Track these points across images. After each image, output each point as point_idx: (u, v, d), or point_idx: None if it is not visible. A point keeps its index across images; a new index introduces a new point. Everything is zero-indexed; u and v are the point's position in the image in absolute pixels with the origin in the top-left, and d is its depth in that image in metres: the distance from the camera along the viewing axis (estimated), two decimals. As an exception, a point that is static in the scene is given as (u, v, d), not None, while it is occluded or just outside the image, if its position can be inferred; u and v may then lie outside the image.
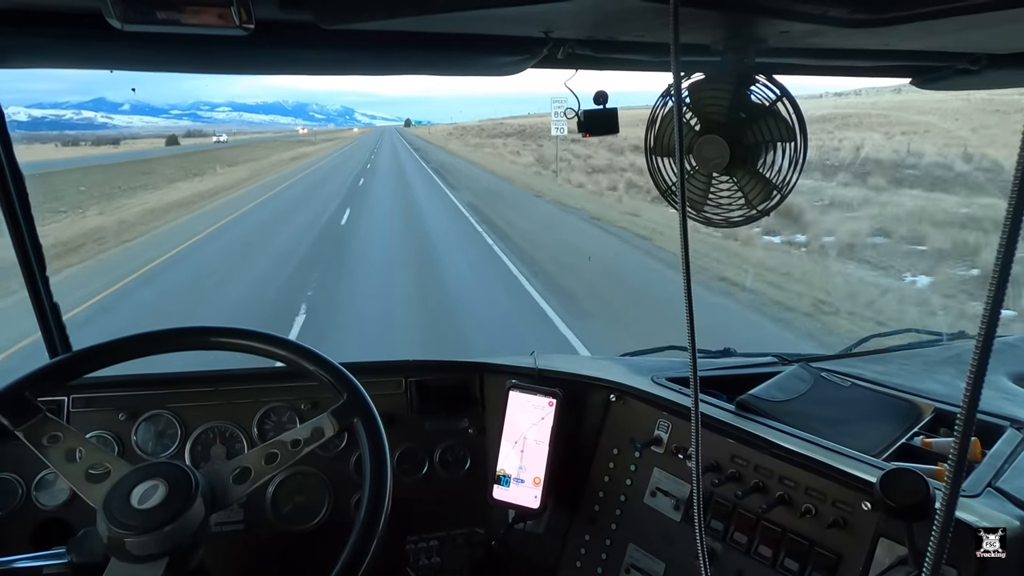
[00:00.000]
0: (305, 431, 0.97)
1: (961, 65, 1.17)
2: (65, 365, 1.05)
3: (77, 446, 0.93)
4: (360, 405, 1.00)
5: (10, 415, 0.93)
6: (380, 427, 0.97)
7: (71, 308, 7.26)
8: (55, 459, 0.91)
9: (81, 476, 0.90)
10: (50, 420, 0.95)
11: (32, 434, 0.93)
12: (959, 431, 0.51)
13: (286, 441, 0.96)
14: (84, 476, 0.90)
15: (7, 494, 1.28)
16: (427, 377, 1.50)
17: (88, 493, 0.89)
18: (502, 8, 0.78)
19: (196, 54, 1.00)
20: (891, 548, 0.92)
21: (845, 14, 0.78)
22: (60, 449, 0.92)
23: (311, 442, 0.96)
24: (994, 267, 0.49)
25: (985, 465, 1.02)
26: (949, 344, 1.72)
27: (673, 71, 0.76)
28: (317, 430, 0.97)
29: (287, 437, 0.96)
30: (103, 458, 0.92)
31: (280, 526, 1.38)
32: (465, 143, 59.83)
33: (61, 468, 0.91)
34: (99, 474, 0.90)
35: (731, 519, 1.11)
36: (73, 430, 0.95)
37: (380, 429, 0.97)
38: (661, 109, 1.08)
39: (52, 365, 1.04)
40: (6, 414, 0.93)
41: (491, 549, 1.48)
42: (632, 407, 1.35)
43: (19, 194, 1.26)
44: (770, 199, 1.04)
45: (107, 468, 0.91)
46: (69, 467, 0.91)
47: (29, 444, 0.92)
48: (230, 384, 1.42)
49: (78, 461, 0.91)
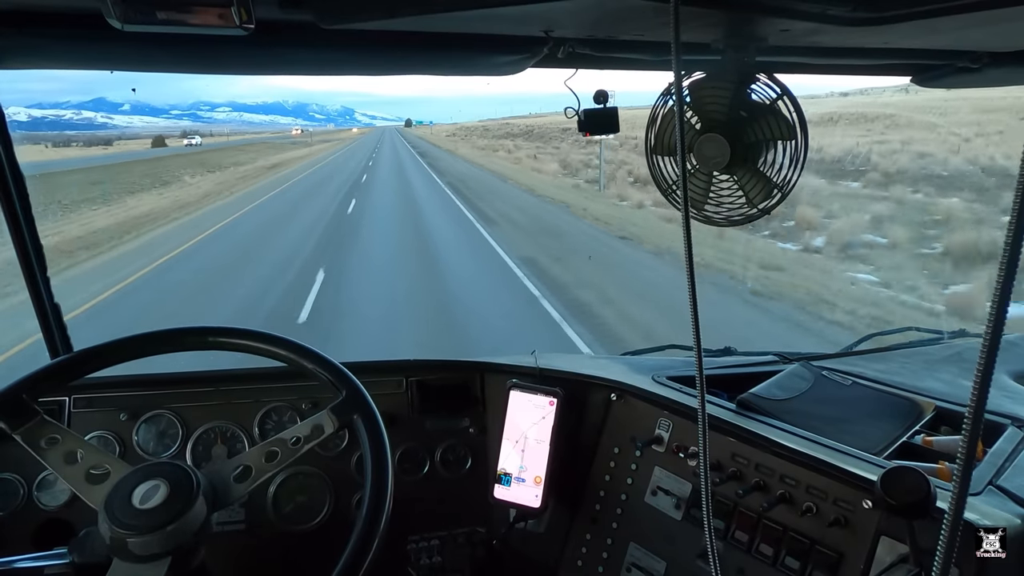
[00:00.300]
0: (305, 428, 0.97)
1: (962, 63, 1.17)
2: (66, 366, 1.05)
3: (76, 448, 0.92)
4: (359, 401, 1.00)
5: (7, 418, 0.92)
6: (380, 423, 0.97)
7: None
8: (54, 461, 0.91)
9: (81, 478, 0.90)
10: (48, 423, 0.94)
11: (30, 437, 0.92)
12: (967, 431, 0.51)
13: (286, 439, 0.96)
14: (84, 477, 0.90)
15: (8, 494, 1.28)
16: (428, 377, 1.50)
17: (88, 495, 0.89)
18: (502, 7, 0.78)
19: (196, 54, 1.00)
20: (892, 546, 0.92)
21: (845, 12, 0.78)
22: (59, 451, 0.92)
23: (311, 439, 0.96)
24: (999, 266, 0.48)
25: (986, 463, 1.02)
26: (950, 342, 1.72)
27: (674, 70, 0.76)
28: (317, 427, 0.97)
29: (287, 435, 0.96)
30: (103, 459, 0.92)
31: (281, 526, 1.38)
32: (473, 145, 53.65)
33: (60, 470, 0.91)
34: (99, 475, 0.90)
35: (732, 518, 1.11)
36: (72, 432, 0.95)
37: (380, 425, 0.97)
38: (662, 108, 1.08)
39: (53, 366, 1.04)
40: (3, 417, 0.92)
41: (492, 548, 1.48)
42: (633, 406, 1.35)
43: (20, 195, 1.26)
44: (771, 198, 1.04)
45: (107, 469, 0.91)
46: (68, 469, 0.91)
47: (27, 447, 0.91)
48: (231, 384, 1.42)
49: (78, 463, 0.91)
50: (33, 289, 1.32)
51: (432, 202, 17.27)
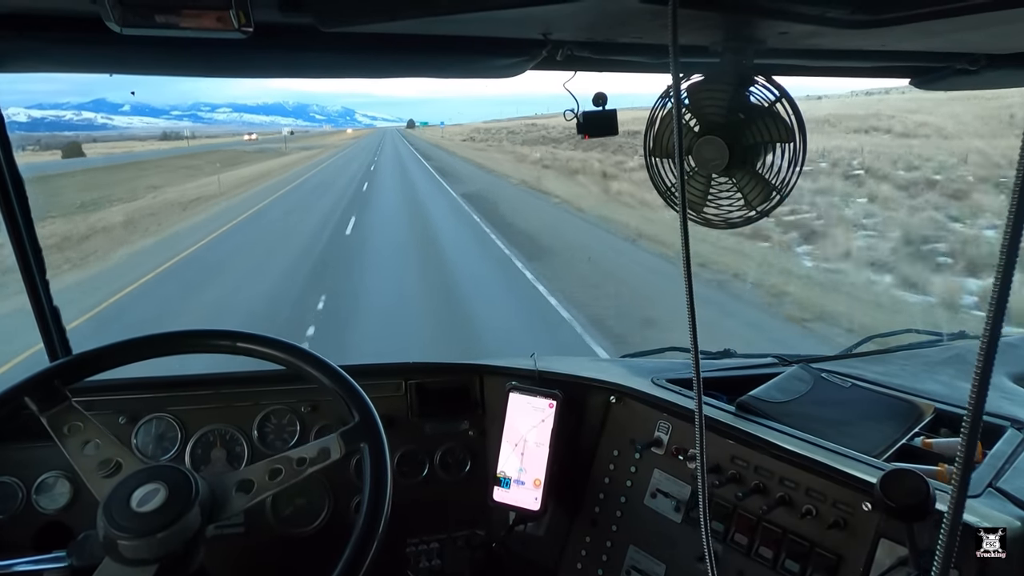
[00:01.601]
0: (312, 450, 0.96)
1: (960, 65, 1.18)
2: (104, 355, 1.07)
3: (95, 438, 0.95)
4: (370, 430, 0.98)
5: (39, 400, 0.96)
6: (386, 456, 0.96)
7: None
8: (72, 448, 0.94)
9: (93, 468, 0.92)
10: (74, 410, 0.97)
11: (55, 422, 0.95)
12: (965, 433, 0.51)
13: (292, 458, 0.95)
14: (96, 468, 0.92)
15: (7, 497, 1.28)
16: (427, 379, 1.49)
17: (96, 486, 0.90)
18: (501, 11, 0.78)
19: (195, 57, 1.00)
20: (892, 549, 0.92)
21: (844, 15, 0.78)
22: (79, 439, 0.94)
23: (316, 462, 0.95)
24: (997, 268, 0.48)
25: (986, 465, 1.02)
26: (949, 344, 1.72)
27: (672, 72, 0.76)
28: (324, 451, 0.96)
29: (293, 454, 0.96)
30: (117, 453, 0.94)
31: (280, 529, 1.38)
32: (517, 159, 32.63)
33: (76, 459, 0.93)
34: (111, 469, 0.92)
35: (731, 520, 1.11)
36: (94, 422, 0.97)
37: (386, 457, 0.96)
38: (660, 110, 1.08)
39: (93, 352, 1.06)
40: (35, 399, 0.96)
41: (492, 551, 1.48)
42: (632, 408, 1.35)
43: (19, 197, 1.26)
44: (769, 200, 1.04)
45: (119, 463, 0.92)
46: (83, 458, 0.93)
47: (51, 431, 0.94)
48: (230, 387, 1.42)
49: (93, 453, 0.93)
50: (32, 292, 1.32)
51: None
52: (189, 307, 8.26)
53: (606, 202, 15.80)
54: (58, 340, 1.37)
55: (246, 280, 9.75)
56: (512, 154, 36.88)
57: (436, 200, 18.75)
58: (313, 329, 6.52)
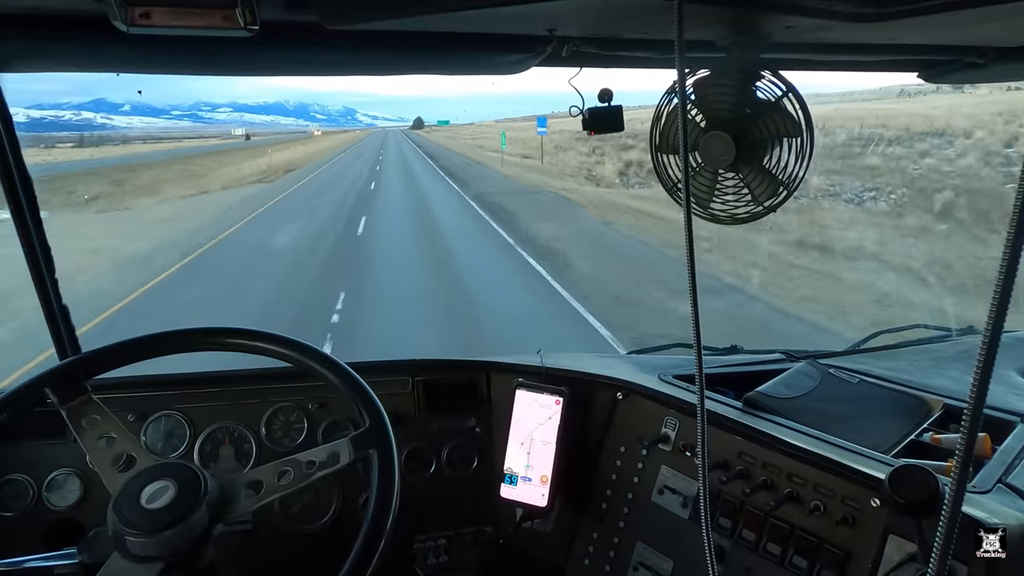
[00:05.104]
0: (322, 454, 0.96)
1: (968, 59, 1.17)
2: (88, 360, 1.06)
3: (112, 432, 0.95)
4: (380, 436, 0.98)
5: (60, 391, 0.97)
6: (395, 461, 0.96)
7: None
8: (89, 441, 0.94)
9: (108, 462, 0.93)
10: (94, 402, 0.98)
11: (74, 414, 0.96)
12: (966, 426, 0.51)
13: (301, 461, 0.95)
14: (111, 462, 0.93)
15: (18, 495, 1.29)
16: (434, 376, 1.50)
17: (110, 479, 0.91)
18: (506, 7, 0.78)
19: (201, 56, 1.00)
20: (900, 545, 0.92)
21: (851, 8, 0.77)
22: (96, 433, 0.95)
23: (326, 466, 0.95)
24: (1001, 261, 0.48)
25: (995, 461, 1.02)
26: (958, 339, 1.71)
27: (678, 68, 0.76)
28: (333, 455, 0.96)
29: (303, 457, 0.96)
30: (133, 448, 0.94)
31: (288, 525, 1.38)
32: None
33: (92, 452, 0.94)
34: (125, 463, 0.93)
35: (739, 516, 1.11)
36: (112, 416, 0.97)
37: (395, 463, 0.96)
38: (666, 106, 1.08)
39: (113, 346, 1.06)
40: (57, 391, 0.96)
41: (499, 548, 1.48)
42: (639, 405, 1.34)
43: (27, 196, 1.27)
44: (776, 195, 1.03)
45: (132, 458, 0.93)
46: (99, 451, 0.94)
47: (69, 423, 0.95)
48: (238, 384, 1.43)
49: (109, 447, 0.94)
50: (41, 291, 1.33)
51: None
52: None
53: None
54: (68, 339, 1.38)
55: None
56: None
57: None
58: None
